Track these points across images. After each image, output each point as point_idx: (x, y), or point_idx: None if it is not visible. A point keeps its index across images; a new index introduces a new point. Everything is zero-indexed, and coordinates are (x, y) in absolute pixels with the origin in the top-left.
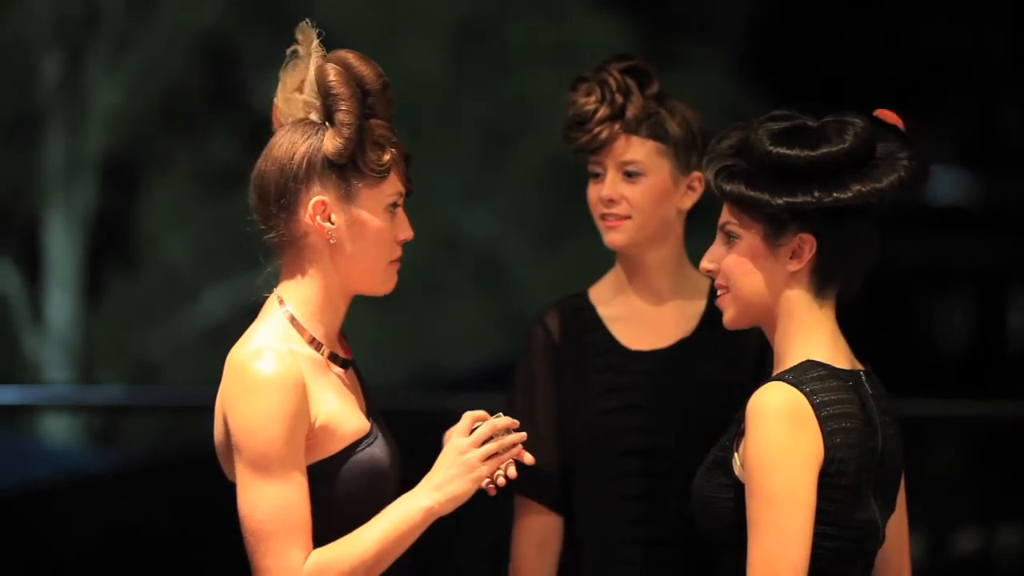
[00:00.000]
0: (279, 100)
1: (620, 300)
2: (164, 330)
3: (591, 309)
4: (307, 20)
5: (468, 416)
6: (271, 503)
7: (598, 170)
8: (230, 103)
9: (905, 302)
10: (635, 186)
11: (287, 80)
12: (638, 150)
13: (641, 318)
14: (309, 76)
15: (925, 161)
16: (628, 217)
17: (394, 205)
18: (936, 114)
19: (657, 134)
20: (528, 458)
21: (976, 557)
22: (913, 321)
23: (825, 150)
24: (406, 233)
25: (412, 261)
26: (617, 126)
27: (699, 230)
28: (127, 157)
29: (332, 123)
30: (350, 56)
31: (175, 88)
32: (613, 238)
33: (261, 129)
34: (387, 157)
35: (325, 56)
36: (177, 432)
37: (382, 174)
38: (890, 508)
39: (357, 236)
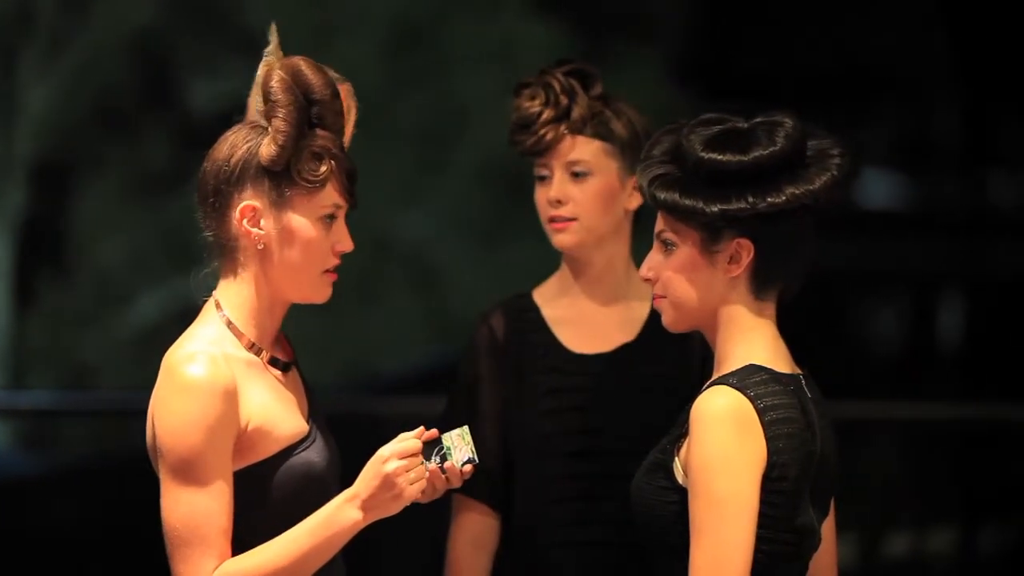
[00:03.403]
0: (251, 100)
1: (565, 302)
2: (97, 334)
3: (536, 310)
4: (274, 22)
5: (403, 436)
6: (187, 510)
7: (544, 172)
8: (165, 106)
9: (839, 305)
10: (582, 186)
11: (256, 80)
12: (584, 150)
13: (585, 320)
14: (256, 79)
15: (856, 156)
16: (575, 219)
17: (330, 217)
18: (871, 116)
19: (603, 134)
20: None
21: (909, 559)
22: (847, 324)
23: (756, 154)
24: (344, 245)
25: (346, 263)
26: (563, 127)
27: (647, 232)
28: (59, 160)
29: (267, 127)
30: (302, 63)
31: (109, 90)
32: (561, 240)
33: (196, 132)
34: (323, 169)
35: (275, 61)
36: (109, 437)
37: (316, 185)
38: (825, 512)
39: (286, 244)
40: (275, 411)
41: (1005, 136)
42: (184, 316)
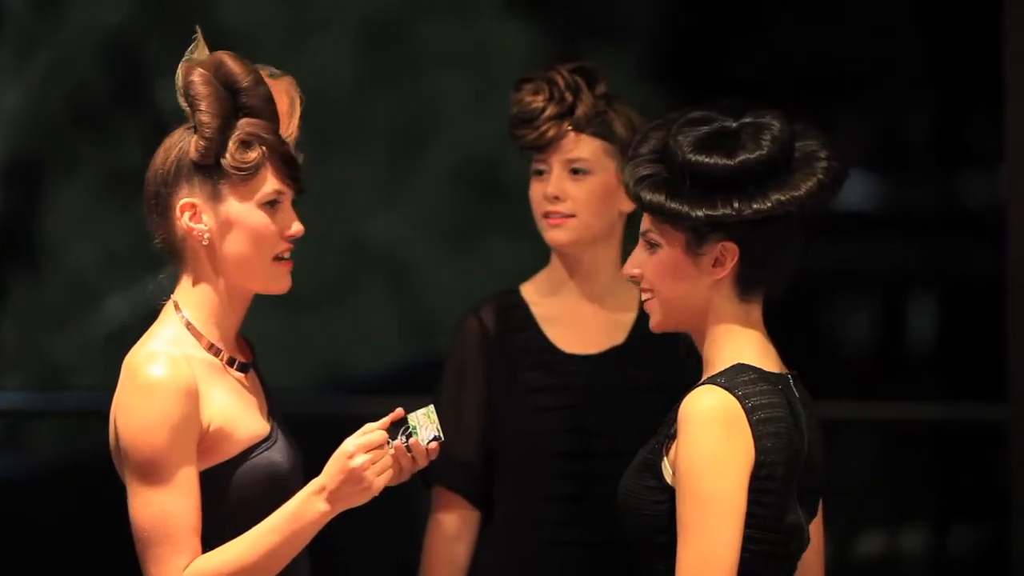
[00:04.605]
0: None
1: (554, 300)
2: (69, 334)
3: (524, 307)
4: (196, 26)
5: (367, 427)
6: (156, 510)
7: (543, 167)
8: (138, 106)
9: (811, 305)
10: (580, 184)
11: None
12: (585, 148)
13: (575, 321)
14: (176, 80)
15: (843, 159)
16: (572, 216)
17: (272, 203)
18: (844, 118)
19: (604, 133)
20: (420, 463)
21: (882, 559)
22: (819, 324)
23: (743, 158)
24: (292, 229)
25: (319, 264)
26: (566, 124)
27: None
28: (31, 159)
29: (195, 125)
30: (222, 56)
31: (82, 90)
32: (556, 236)
33: (168, 132)
34: (252, 155)
35: (195, 60)
36: (83, 437)
37: (247, 172)
38: (813, 512)
39: (229, 235)
40: (236, 412)
41: (979, 137)
42: (156, 317)
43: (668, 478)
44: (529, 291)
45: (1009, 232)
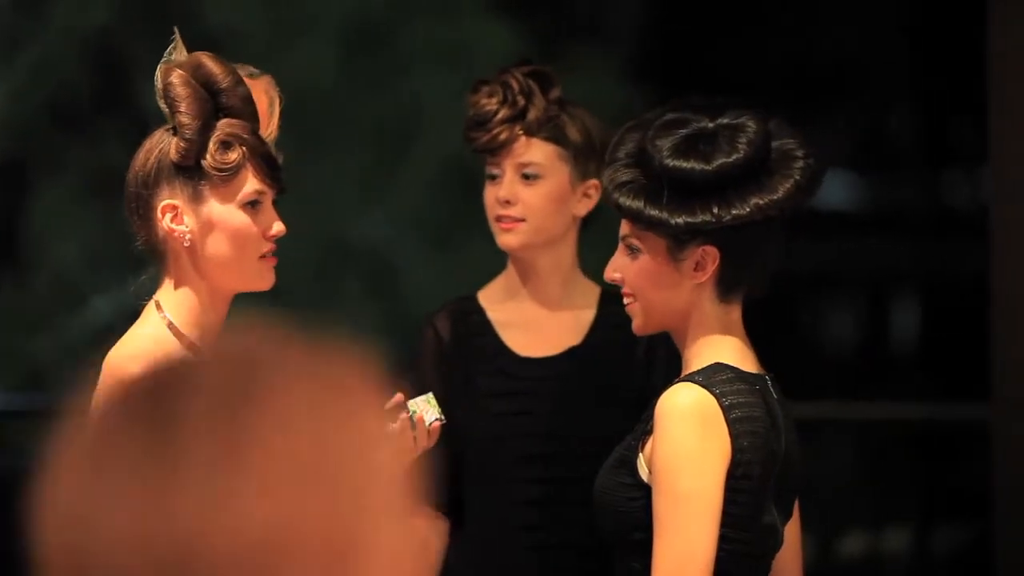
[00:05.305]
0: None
1: (510, 305)
2: (53, 335)
3: (481, 313)
4: (175, 27)
5: None
6: None
7: (495, 171)
8: (123, 105)
9: (794, 306)
10: (532, 188)
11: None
12: (537, 152)
13: (531, 324)
14: (155, 82)
15: (819, 157)
16: (523, 220)
17: (253, 203)
18: (827, 117)
19: (557, 138)
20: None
21: (863, 559)
22: (802, 325)
23: (720, 162)
24: (274, 229)
25: (303, 263)
26: (518, 127)
27: (596, 237)
28: (14, 160)
29: (175, 127)
30: (202, 57)
31: (66, 90)
32: (507, 240)
33: (151, 132)
34: (233, 156)
35: (171, 62)
36: None
37: (227, 173)
38: (788, 513)
39: (211, 236)
40: None
41: (963, 137)
42: (139, 317)
43: (643, 475)
44: (485, 297)
45: (993, 232)
